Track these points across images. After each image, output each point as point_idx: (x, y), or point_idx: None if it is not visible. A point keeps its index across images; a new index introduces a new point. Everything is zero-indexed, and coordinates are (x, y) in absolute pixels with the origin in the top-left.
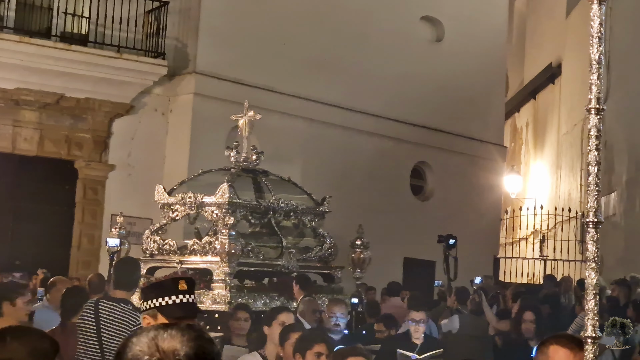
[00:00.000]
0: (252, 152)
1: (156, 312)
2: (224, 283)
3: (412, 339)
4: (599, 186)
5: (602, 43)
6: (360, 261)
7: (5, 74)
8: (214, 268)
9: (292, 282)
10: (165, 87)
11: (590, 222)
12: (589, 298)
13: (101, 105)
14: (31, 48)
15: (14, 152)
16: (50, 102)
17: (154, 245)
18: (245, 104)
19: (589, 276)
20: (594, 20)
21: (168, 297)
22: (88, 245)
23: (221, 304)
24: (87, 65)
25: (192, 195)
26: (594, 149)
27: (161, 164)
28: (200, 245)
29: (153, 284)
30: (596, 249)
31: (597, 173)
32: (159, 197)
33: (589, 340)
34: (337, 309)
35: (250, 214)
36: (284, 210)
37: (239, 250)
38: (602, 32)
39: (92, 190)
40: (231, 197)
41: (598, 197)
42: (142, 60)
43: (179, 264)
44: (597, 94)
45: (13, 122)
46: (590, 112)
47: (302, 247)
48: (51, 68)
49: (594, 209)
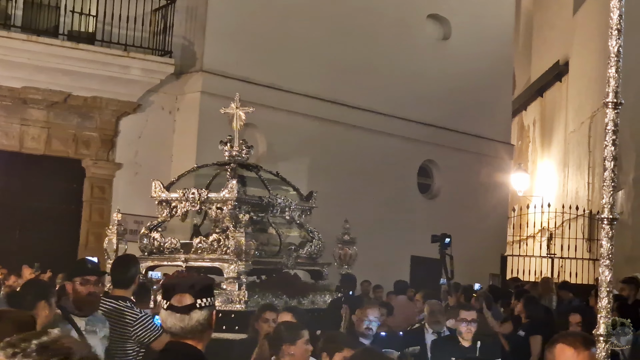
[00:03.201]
0: (242, 147)
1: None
2: (237, 282)
3: (461, 341)
4: (614, 182)
5: (622, 36)
6: (346, 257)
7: (13, 72)
8: (225, 267)
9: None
10: (173, 86)
11: (605, 219)
12: (601, 296)
13: (108, 103)
14: (38, 47)
15: (21, 150)
16: (58, 100)
17: (155, 243)
18: (236, 96)
19: (603, 273)
20: (613, 12)
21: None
22: (96, 244)
23: (236, 304)
24: (95, 64)
25: (196, 191)
26: (610, 144)
27: (168, 163)
28: (208, 244)
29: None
30: (610, 245)
31: (612, 168)
32: (157, 193)
33: (601, 338)
34: (371, 313)
35: (253, 210)
36: (281, 207)
37: (254, 248)
38: (622, 24)
39: (100, 189)
40: (239, 193)
41: (613, 193)
42: (149, 59)
43: (184, 263)
44: (614, 87)
45: (20, 120)
46: (607, 106)
47: (296, 243)
48: (58, 67)
49: (609, 205)
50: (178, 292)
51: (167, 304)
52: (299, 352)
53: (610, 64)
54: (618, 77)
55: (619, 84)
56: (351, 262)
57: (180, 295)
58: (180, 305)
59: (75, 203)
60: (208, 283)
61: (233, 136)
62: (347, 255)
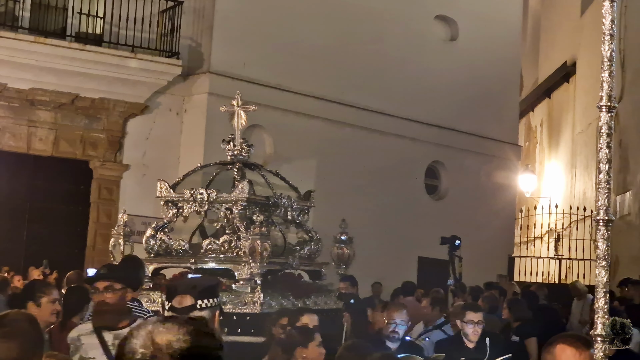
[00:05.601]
0: (242, 145)
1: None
2: (251, 284)
3: (466, 342)
4: (609, 184)
5: (614, 40)
6: (344, 257)
7: (21, 74)
8: (237, 269)
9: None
10: (180, 87)
11: (600, 220)
12: (599, 297)
13: (116, 105)
14: (46, 48)
15: (29, 152)
16: (65, 102)
17: (161, 244)
18: (237, 94)
19: (599, 274)
20: (605, 18)
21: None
22: (103, 245)
23: (250, 306)
24: (102, 65)
25: (205, 191)
26: (604, 147)
27: (176, 164)
28: (218, 245)
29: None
30: (607, 247)
31: (607, 170)
32: (163, 193)
33: (599, 338)
34: (397, 315)
35: (259, 210)
36: (284, 206)
37: (268, 250)
38: (614, 29)
39: (107, 190)
40: (250, 194)
41: (609, 195)
42: (157, 60)
43: (193, 265)
44: (608, 91)
45: (28, 122)
46: (601, 109)
47: (292, 243)
48: (66, 68)
49: (605, 206)
50: (179, 294)
51: (168, 305)
52: (312, 356)
53: (603, 69)
54: (611, 81)
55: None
56: (348, 262)
57: (181, 297)
58: (180, 306)
59: (83, 204)
60: (210, 284)
61: (234, 135)
62: (344, 255)
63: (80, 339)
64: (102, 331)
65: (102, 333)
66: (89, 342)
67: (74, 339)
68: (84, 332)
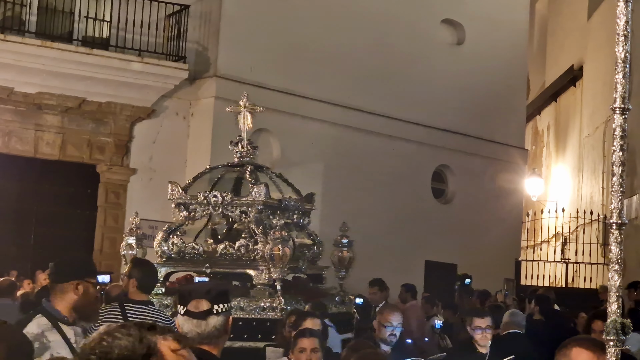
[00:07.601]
0: (247, 147)
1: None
2: (271, 289)
3: (478, 347)
4: (623, 187)
5: (628, 41)
6: (345, 260)
7: (28, 78)
8: (256, 273)
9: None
10: (186, 91)
11: (614, 224)
12: (611, 300)
13: (122, 109)
14: (53, 52)
15: (36, 156)
16: (72, 106)
17: (174, 248)
18: (244, 95)
19: (612, 278)
20: (620, 19)
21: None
22: (110, 249)
23: (271, 311)
24: (109, 69)
25: (219, 194)
26: (618, 149)
27: (182, 168)
28: (235, 249)
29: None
30: (620, 250)
31: (621, 174)
32: (175, 196)
33: (611, 342)
34: (393, 317)
35: (272, 214)
36: (291, 209)
37: (289, 255)
38: (629, 30)
39: (114, 194)
40: (267, 197)
41: (622, 199)
42: (163, 64)
43: (208, 269)
44: (622, 93)
45: (35, 126)
46: (615, 111)
47: (299, 246)
48: (73, 72)
49: (618, 210)
50: (195, 298)
51: (184, 309)
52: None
53: (617, 70)
54: (625, 83)
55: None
56: (349, 266)
57: (197, 301)
58: (197, 310)
59: (90, 208)
60: (224, 289)
61: (242, 137)
62: (344, 259)
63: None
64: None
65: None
66: (54, 339)
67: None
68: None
